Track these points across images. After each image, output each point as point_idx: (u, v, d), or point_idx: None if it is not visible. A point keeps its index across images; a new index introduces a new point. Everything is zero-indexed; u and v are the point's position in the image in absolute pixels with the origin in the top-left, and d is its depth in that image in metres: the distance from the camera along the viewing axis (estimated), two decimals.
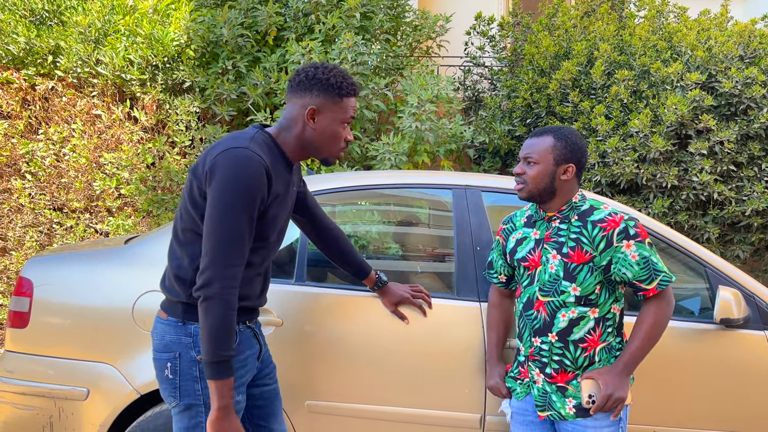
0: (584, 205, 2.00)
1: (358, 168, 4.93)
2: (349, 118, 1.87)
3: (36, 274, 2.49)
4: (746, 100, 4.31)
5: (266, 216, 1.81)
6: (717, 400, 2.33)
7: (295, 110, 1.85)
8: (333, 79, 1.82)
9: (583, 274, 1.92)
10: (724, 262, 2.43)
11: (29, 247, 5.00)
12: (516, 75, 5.82)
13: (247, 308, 1.91)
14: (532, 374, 2.02)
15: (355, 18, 5.00)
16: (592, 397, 1.90)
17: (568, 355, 1.94)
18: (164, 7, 5.24)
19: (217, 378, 1.66)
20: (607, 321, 1.95)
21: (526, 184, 1.98)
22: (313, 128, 1.84)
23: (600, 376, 1.90)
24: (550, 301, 1.96)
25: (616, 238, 1.89)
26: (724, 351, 2.33)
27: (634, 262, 1.89)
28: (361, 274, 2.32)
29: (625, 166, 4.35)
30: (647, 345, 1.90)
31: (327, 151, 1.88)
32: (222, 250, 1.67)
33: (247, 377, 1.91)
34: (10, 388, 2.44)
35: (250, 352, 1.91)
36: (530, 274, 2.02)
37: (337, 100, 1.83)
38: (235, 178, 1.68)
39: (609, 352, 1.96)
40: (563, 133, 1.99)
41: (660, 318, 1.91)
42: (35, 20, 5.34)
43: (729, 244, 4.66)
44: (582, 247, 1.92)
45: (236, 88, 4.89)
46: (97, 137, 4.97)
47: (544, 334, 1.97)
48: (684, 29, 4.85)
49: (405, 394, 2.36)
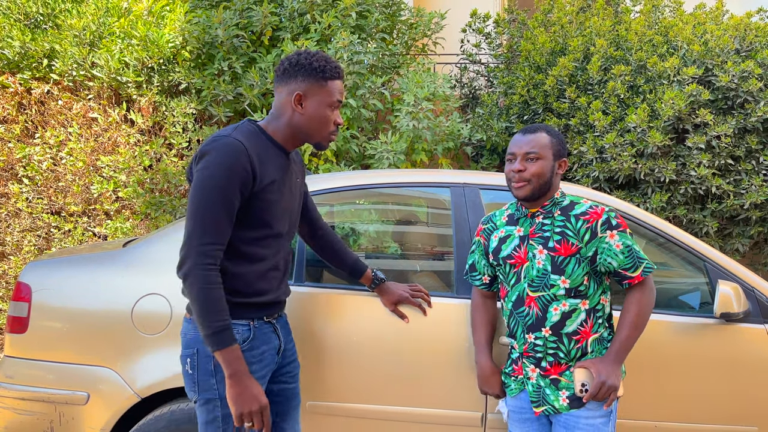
0: (564, 201, 2.04)
1: (355, 167, 4.93)
2: (336, 101, 1.90)
3: (34, 278, 2.48)
4: (743, 93, 4.31)
5: (261, 200, 1.82)
6: (718, 394, 2.33)
7: (283, 98, 1.89)
8: (316, 63, 1.86)
9: (572, 266, 1.95)
10: (724, 256, 2.43)
11: (27, 252, 4.99)
12: (512, 72, 5.81)
13: (264, 303, 1.91)
14: (527, 371, 2.03)
15: (351, 17, 4.99)
16: (585, 386, 1.93)
17: (562, 348, 1.97)
18: (159, 8, 5.22)
19: (218, 348, 1.70)
20: (597, 312, 1.99)
21: (530, 181, 1.97)
22: (301, 113, 1.87)
23: (592, 365, 1.93)
24: (541, 296, 1.98)
25: (600, 229, 1.94)
26: (725, 345, 2.33)
27: (618, 251, 1.94)
28: (357, 273, 2.32)
29: (622, 162, 4.35)
30: (634, 333, 1.94)
31: (318, 135, 1.91)
32: (198, 229, 1.72)
33: (264, 372, 1.91)
34: (11, 394, 2.44)
35: (266, 347, 1.92)
36: (516, 272, 2.03)
37: (322, 83, 1.87)
38: (214, 162, 1.73)
39: (600, 343, 1.99)
40: (550, 129, 2.04)
41: (644, 306, 1.95)
42: (30, 24, 5.32)
43: (728, 238, 4.66)
44: (568, 239, 1.96)
45: (233, 89, 4.88)
46: (93, 140, 4.96)
47: (538, 330, 1.98)
48: (680, 23, 4.85)
49: (406, 394, 2.36)
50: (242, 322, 1.88)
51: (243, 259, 1.86)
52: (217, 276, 1.72)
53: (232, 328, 1.75)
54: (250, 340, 1.88)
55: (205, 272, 1.70)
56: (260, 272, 1.88)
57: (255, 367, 1.87)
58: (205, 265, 1.71)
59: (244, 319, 1.88)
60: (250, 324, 1.89)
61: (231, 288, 1.85)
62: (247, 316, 1.88)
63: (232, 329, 1.73)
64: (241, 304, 1.87)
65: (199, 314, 1.70)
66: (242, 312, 1.87)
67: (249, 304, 1.88)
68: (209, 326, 1.69)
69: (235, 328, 1.86)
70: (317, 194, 2.59)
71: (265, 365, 1.92)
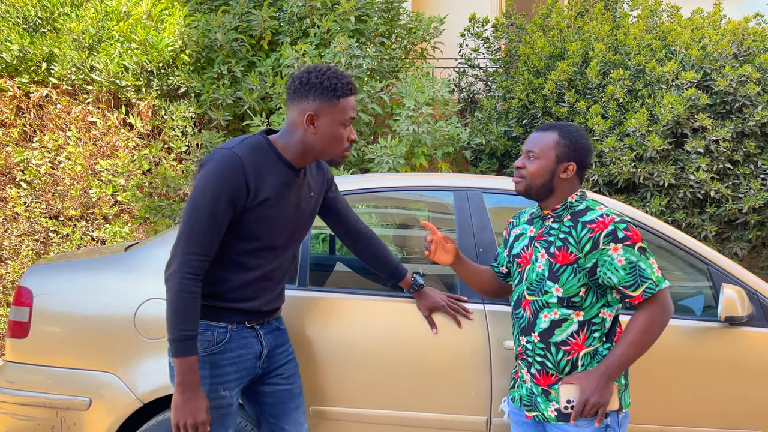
0: (580, 205, 1.94)
1: (354, 171, 4.92)
2: (349, 119, 1.87)
3: (35, 283, 2.47)
4: (741, 98, 4.33)
5: (256, 214, 1.83)
6: (723, 398, 2.33)
7: (295, 116, 1.87)
8: (327, 82, 1.82)
9: (566, 276, 1.86)
10: (727, 260, 2.44)
11: (25, 256, 4.96)
12: (511, 76, 5.82)
13: (245, 310, 1.93)
14: (522, 373, 2.00)
15: (350, 21, 4.99)
16: (571, 402, 1.85)
17: (549, 357, 1.90)
18: (158, 12, 5.21)
19: (177, 355, 1.75)
20: (594, 326, 1.88)
21: (524, 178, 1.95)
22: (314, 133, 1.85)
23: (578, 381, 1.84)
24: (535, 300, 1.93)
25: (603, 241, 1.82)
26: (729, 348, 2.33)
27: (620, 267, 1.81)
28: (397, 277, 2.30)
29: (622, 166, 4.36)
30: (632, 351, 1.81)
31: (331, 153, 1.90)
32: (184, 239, 1.77)
33: (238, 374, 1.93)
34: (12, 399, 2.42)
35: (243, 352, 1.94)
36: (520, 272, 2.00)
37: (334, 102, 1.84)
38: (207, 175, 1.77)
39: (593, 357, 1.88)
40: (569, 130, 1.95)
41: (649, 324, 1.81)
42: (28, 27, 5.30)
43: (726, 242, 4.67)
44: (568, 247, 1.87)
45: (232, 92, 4.88)
46: (92, 144, 4.94)
47: (528, 333, 1.94)
48: (678, 28, 4.87)
49: (410, 398, 2.35)
50: (220, 324, 1.91)
51: (233, 267, 1.89)
52: (195, 286, 1.76)
53: (196, 339, 1.77)
54: (225, 342, 1.90)
55: (184, 280, 1.75)
56: (248, 281, 1.91)
57: (228, 369, 1.90)
58: (186, 273, 1.75)
59: (223, 321, 1.91)
60: (227, 327, 1.91)
61: (215, 292, 1.89)
62: (226, 319, 1.91)
63: (195, 340, 1.77)
64: (223, 307, 1.90)
65: (170, 318, 1.75)
66: (221, 314, 1.91)
67: (230, 309, 1.91)
68: (175, 332, 1.74)
69: (210, 329, 1.89)
70: None
71: (240, 369, 1.94)
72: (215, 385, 1.89)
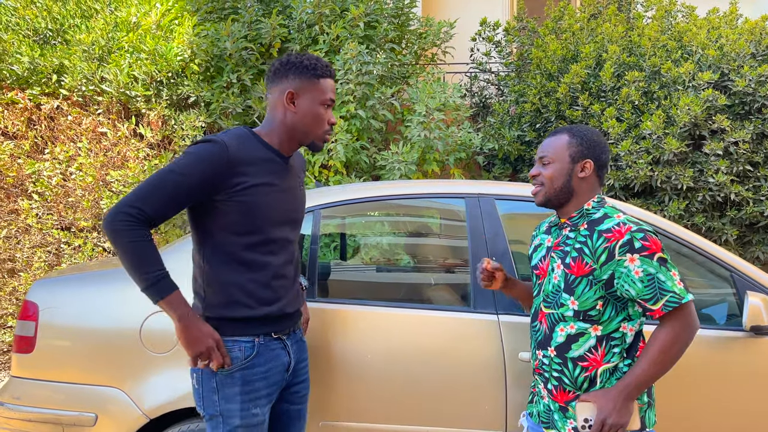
0: (597, 213, 1.84)
1: (366, 178, 4.87)
2: (329, 100, 1.88)
3: (41, 297, 2.44)
4: (760, 98, 4.22)
5: (242, 201, 1.76)
6: (748, 412, 2.24)
7: (275, 97, 1.88)
8: (307, 61, 1.86)
9: (582, 288, 1.77)
10: (751, 266, 2.35)
11: (38, 268, 4.96)
12: (523, 80, 5.75)
13: (270, 316, 1.84)
14: (539, 388, 1.92)
15: (360, 27, 4.95)
16: (588, 422, 1.74)
17: (566, 372, 1.81)
18: (167, 22, 5.22)
19: (159, 298, 1.67)
20: (613, 341, 1.77)
21: (543, 186, 1.88)
22: (294, 112, 1.86)
23: (596, 399, 1.74)
24: (551, 313, 1.84)
25: (618, 251, 1.72)
26: (755, 359, 2.24)
27: (637, 279, 1.70)
28: None
29: (638, 169, 4.27)
30: (653, 370, 1.69)
31: (313, 134, 1.89)
32: (135, 192, 1.68)
33: (268, 390, 1.84)
34: (18, 415, 2.38)
35: (272, 365, 1.85)
36: (539, 284, 1.92)
37: (313, 80, 1.86)
38: (190, 152, 1.73)
39: (613, 374, 1.78)
40: (579, 129, 1.89)
41: (670, 342, 1.69)
42: (39, 40, 5.33)
43: (748, 246, 4.55)
44: (583, 258, 1.78)
45: (242, 101, 4.85)
46: (103, 155, 4.94)
47: (545, 348, 1.86)
48: (694, 28, 4.77)
49: (423, 413, 2.28)
50: (246, 339, 1.80)
51: (244, 267, 1.79)
52: (143, 232, 1.67)
53: (168, 275, 1.70)
54: (253, 357, 1.81)
55: (119, 226, 1.64)
56: (264, 281, 1.81)
57: (258, 385, 1.81)
58: (122, 221, 1.65)
59: (249, 335, 1.81)
60: (254, 340, 1.82)
61: (229, 300, 1.79)
62: (251, 331, 1.81)
63: (169, 277, 1.69)
64: (245, 318, 1.80)
65: (132, 269, 1.65)
66: (247, 327, 1.81)
67: (253, 318, 1.81)
68: (145, 279, 1.66)
69: (237, 345, 1.79)
70: (330, 207, 2.53)
71: (270, 383, 1.85)
72: (246, 403, 1.80)
